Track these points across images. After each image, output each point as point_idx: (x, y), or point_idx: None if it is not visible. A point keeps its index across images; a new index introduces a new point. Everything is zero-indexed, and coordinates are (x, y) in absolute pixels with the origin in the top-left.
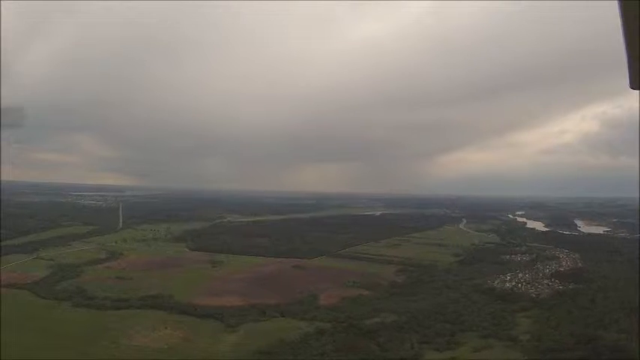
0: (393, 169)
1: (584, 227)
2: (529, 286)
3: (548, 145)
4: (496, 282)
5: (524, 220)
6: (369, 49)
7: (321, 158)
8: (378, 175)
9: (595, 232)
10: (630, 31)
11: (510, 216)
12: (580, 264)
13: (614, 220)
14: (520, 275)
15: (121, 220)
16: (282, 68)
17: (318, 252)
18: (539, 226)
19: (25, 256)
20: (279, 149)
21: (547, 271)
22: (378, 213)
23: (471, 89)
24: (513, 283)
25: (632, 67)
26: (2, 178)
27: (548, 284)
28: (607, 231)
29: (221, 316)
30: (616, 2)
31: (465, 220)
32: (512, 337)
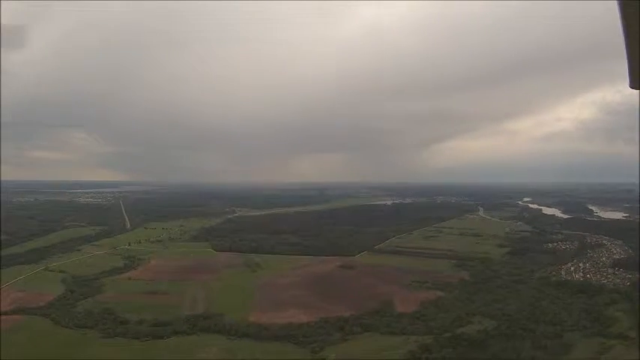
0: (391, 158)
1: (602, 213)
2: (597, 276)
3: (546, 132)
4: (563, 273)
5: (537, 206)
6: (370, 36)
7: (318, 149)
8: (376, 164)
9: (615, 217)
10: (630, 31)
11: (520, 203)
12: (631, 251)
13: (626, 205)
14: (581, 265)
15: (127, 219)
16: (281, 59)
17: (356, 248)
18: (556, 212)
19: (31, 268)
20: (275, 141)
21: (604, 259)
22: (390, 202)
23: (470, 77)
24: (580, 274)
25: (632, 67)
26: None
27: (615, 273)
28: (625, 216)
29: (295, 337)
30: (616, 2)
31: (482, 209)
32: (621, 334)
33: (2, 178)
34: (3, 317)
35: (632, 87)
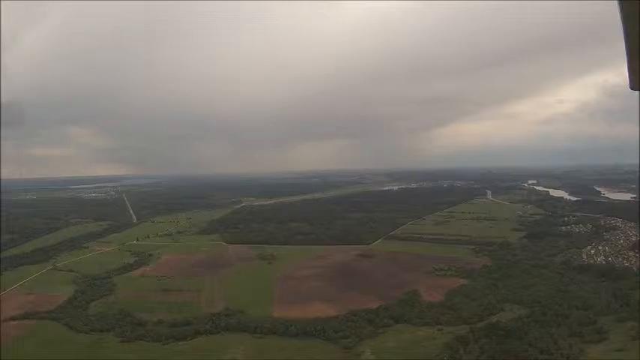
0: (391, 144)
1: (609, 194)
2: (619, 259)
3: (547, 115)
4: (584, 257)
5: (543, 188)
6: (370, 23)
7: (319, 137)
8: (376, 150)
9: (622, 198)
10: (630, 31)
11: (526, 185)
12: None
13: (633, 186)
14: (600, 248)
15: (133, 213)
16: (283, 46)
17: (371, 235)
18: (564, 194)
19: (38, 268)
20: (275, 131)
21: (622, 242)
22: (396, 188)
23: (471, 61)
24: (601, 257)
25: (631, 67)
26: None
27: (636, 256)
28: (633, 197)
29: (324, 332)
30: (616, 2)
31: (489, 192)
32: None
33: (3, 177)
34: (12, 323)
35: (632, 88)
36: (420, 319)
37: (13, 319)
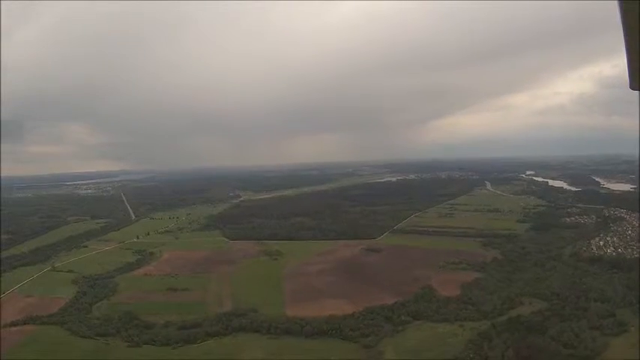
0: (387, 136)
1: (609, 185)
2: (629, 250)
3: (543, 107)
4: (594, 248)
5: (542, 179)
6: (368, 14)
7: (316, 130)
8: (373, 142)
9: (622, 189)
10: (630, 31)
11: (524, 176)
12: None
13: (631, 176)
14: (609, 239)
15: (131, 210)
16: (281, 40)
17: (376, 229)
18: (564, 185)
19: (37, 269)
20: (271, 123)
21: (629, 232)
22: (394, 179)
23: (468, 52)
24: (611, 249)
25: (631, 68)
26: None
27: None
28: (633, 188)
29: (342, 331)
30: (616, 2)
31: (489, 183)
32: None
33: (1, 175)
34: (13, 329)
35: (632, 88)
36: (439, 315)
37: (13, 324)
